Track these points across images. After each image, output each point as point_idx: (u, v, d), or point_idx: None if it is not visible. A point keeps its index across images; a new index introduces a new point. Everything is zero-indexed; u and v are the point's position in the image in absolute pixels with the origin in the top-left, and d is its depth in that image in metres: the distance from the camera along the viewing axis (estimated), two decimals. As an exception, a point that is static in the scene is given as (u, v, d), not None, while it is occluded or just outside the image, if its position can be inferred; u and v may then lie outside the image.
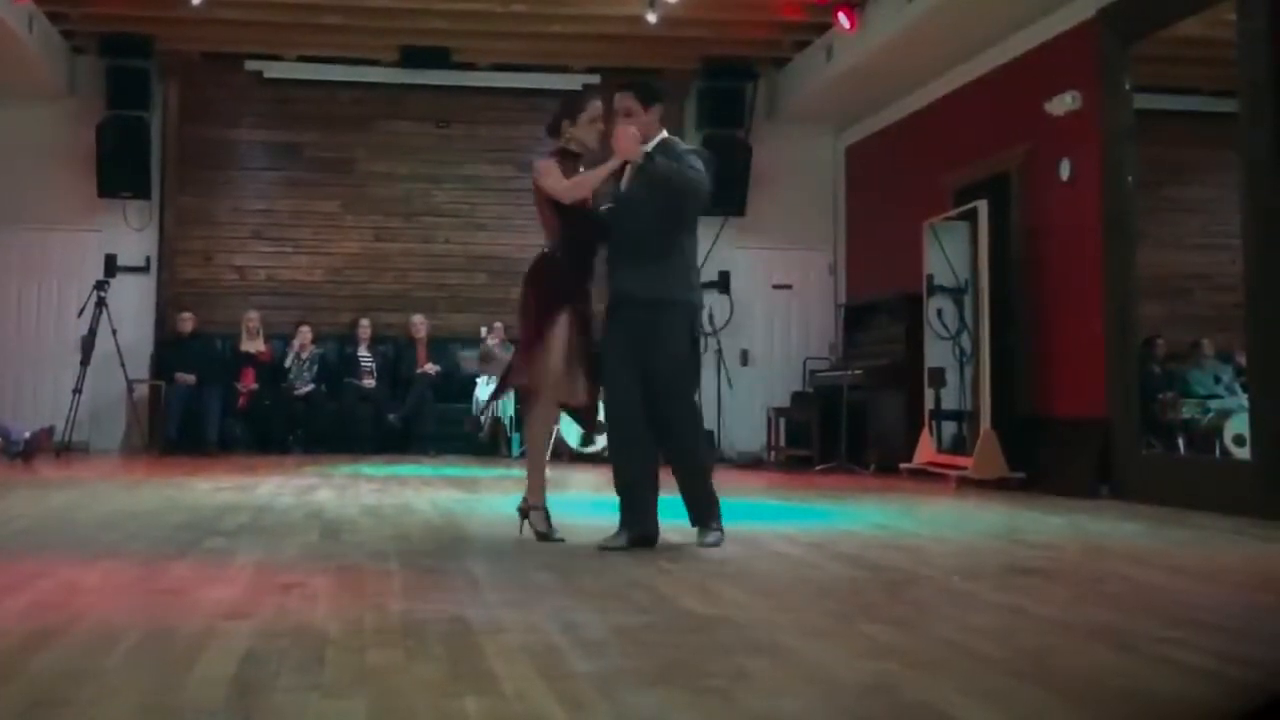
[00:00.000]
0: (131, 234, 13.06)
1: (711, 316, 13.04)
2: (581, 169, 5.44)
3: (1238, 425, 7.83)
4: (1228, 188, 7.75)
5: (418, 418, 12.52)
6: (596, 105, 5.47)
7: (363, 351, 12.81)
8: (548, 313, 5.25)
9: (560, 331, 5.24)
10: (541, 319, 5.26)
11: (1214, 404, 8.65)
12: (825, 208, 13.80)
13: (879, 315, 12.07)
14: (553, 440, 5.70)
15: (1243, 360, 7.84)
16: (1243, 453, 7.64)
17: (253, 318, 12.67)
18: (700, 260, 12.88)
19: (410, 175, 13.78)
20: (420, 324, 13.04)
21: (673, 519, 5.37)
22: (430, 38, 12.59)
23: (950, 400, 10.10)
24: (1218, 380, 8.77)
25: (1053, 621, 3.72)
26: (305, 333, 12.64)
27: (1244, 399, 7.70)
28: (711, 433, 12.65)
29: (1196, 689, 2.88)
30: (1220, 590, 4.48)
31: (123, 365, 11.84)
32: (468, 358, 12.82)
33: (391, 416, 12.52)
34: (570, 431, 11.79)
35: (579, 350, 5.30)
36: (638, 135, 5.21)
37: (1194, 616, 3.82)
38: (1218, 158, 8.46)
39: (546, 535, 5.32)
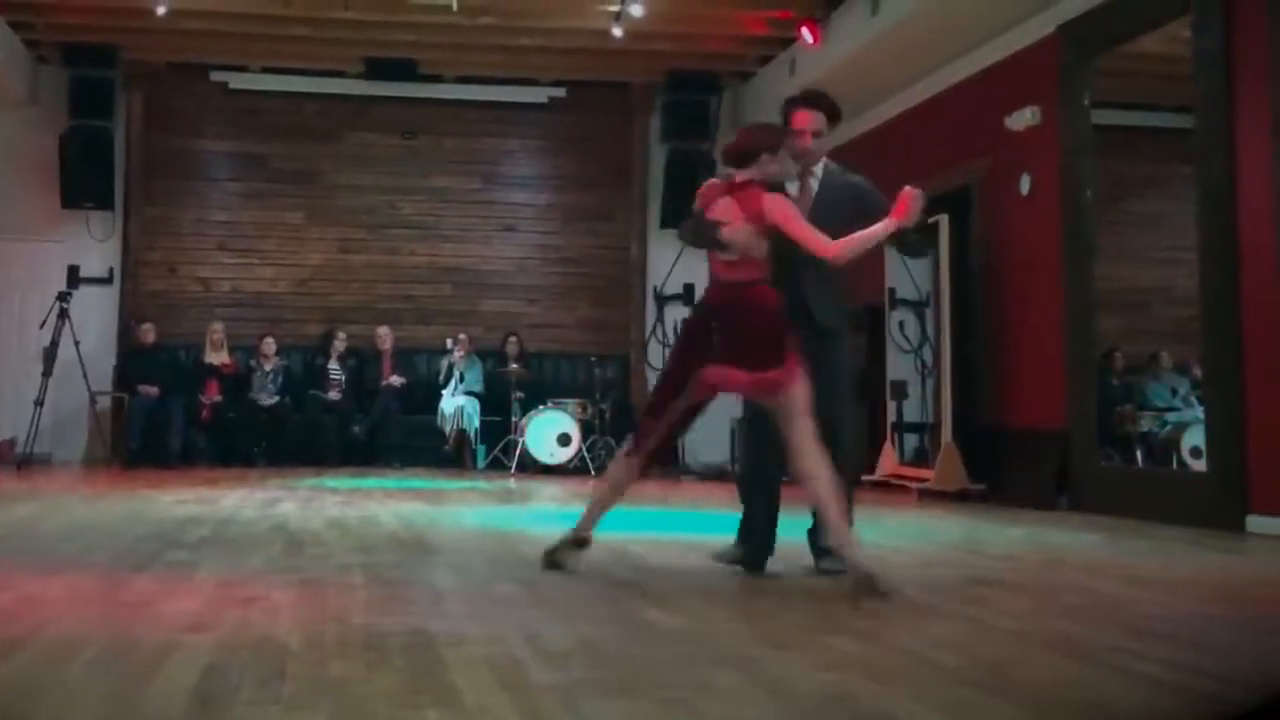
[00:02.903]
0: (95, 245, 12.98)
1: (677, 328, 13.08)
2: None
3: (1194, 437, 7.92)
4: (1185, 202, 7.84)
5: (383, 430, 12.49)
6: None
7: (332, 364, 12.75)
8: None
9: None
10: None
11: (1171, 416, 8.75)
12: (790, 221, 13.83)
13: (842, 328, 12.12)
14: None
15: (1199, 373, 7.94)
16: (1200, 465, 7.73)
17: (217, 329, 12.60)
18: (667, 272, 12.98)
19: (376, 187, 13.76)
20: (385, 336, 13.01)
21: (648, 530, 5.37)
22: (396, 49, 12.58)
23: (912, 412, 10.17)
24: (1175, 393, 8.87)
25: (1012, 632, 3.76)
26: (269, 344, 12.59)
27: (1200, 411, 7.80)
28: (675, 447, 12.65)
29: (1153, 699, 2.92)
30: (1177, 601, 4.52)
31: (85, 376, 11.77)
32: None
33: (356, 429, 12.47)
34: (539, 447, 11.81)
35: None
36: (922, 197, 4.83)
37: (1151, 627, 3.87)
38: (1175, 172, 8.56)
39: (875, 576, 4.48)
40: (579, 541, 4.84)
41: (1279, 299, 6.85)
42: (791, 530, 5.07)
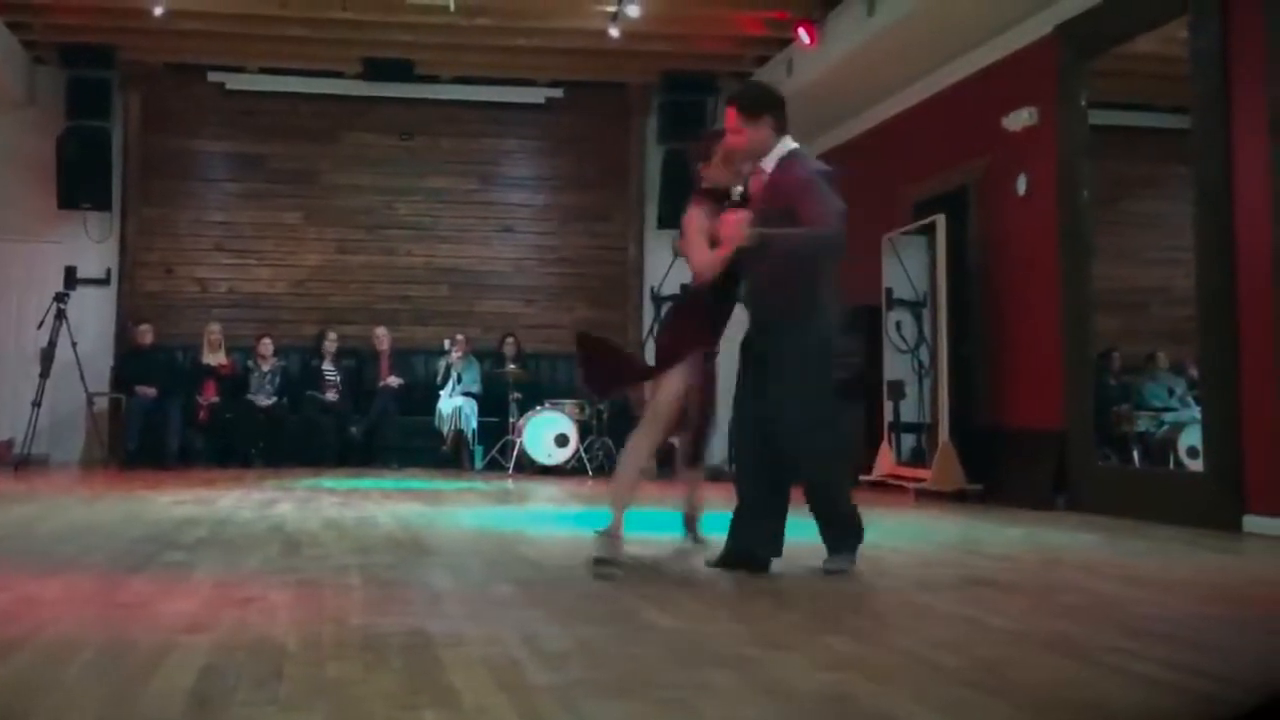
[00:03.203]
0: (92, 246, 12.97)
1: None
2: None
3: (1191, 437, 7.92)
4: (1182, 202, 7.84)
5: (380, 430, 12.48)
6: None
7: (326, 365, 12.74)
8: (692, 344, 5.04)
9: (693, 366, 5.02)
10: (686, 346, 5.02)
11: (1168, 416, 8.76)
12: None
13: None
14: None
15: (1195, 373, 7.95)
16: (1196, 465, 7.73)
17: (214, 330, 12.60)
18: (664, 273, 12.97)
19: (373, 187, 13.77)
20: (383, 336, 13.00)
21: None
22: (393, 50, 12.58)
23: (909, 412, 10.17)
24: (1171, 393, 8.88)
25: (1009, 632, 3.76)
26: (266, 345, 12.58)
27: (1197, 411, 7.80)
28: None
29: (1151, 699, 2.92)
30: (1174, 601, 4.53)
31: (82, 378, 11.76)
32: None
33: (353, 429, 12.47)
34: (537, 448, 11.80)
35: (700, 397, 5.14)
36: (745, 219, 4.74)
37: (1148, 627, 3.87)
38: (1172, 173, 8.56)
39: (609, 562, 4.84)
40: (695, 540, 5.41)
41: (1276, 299, 6.85)
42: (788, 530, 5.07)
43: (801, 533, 5.04)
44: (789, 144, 5.00)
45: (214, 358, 12.51)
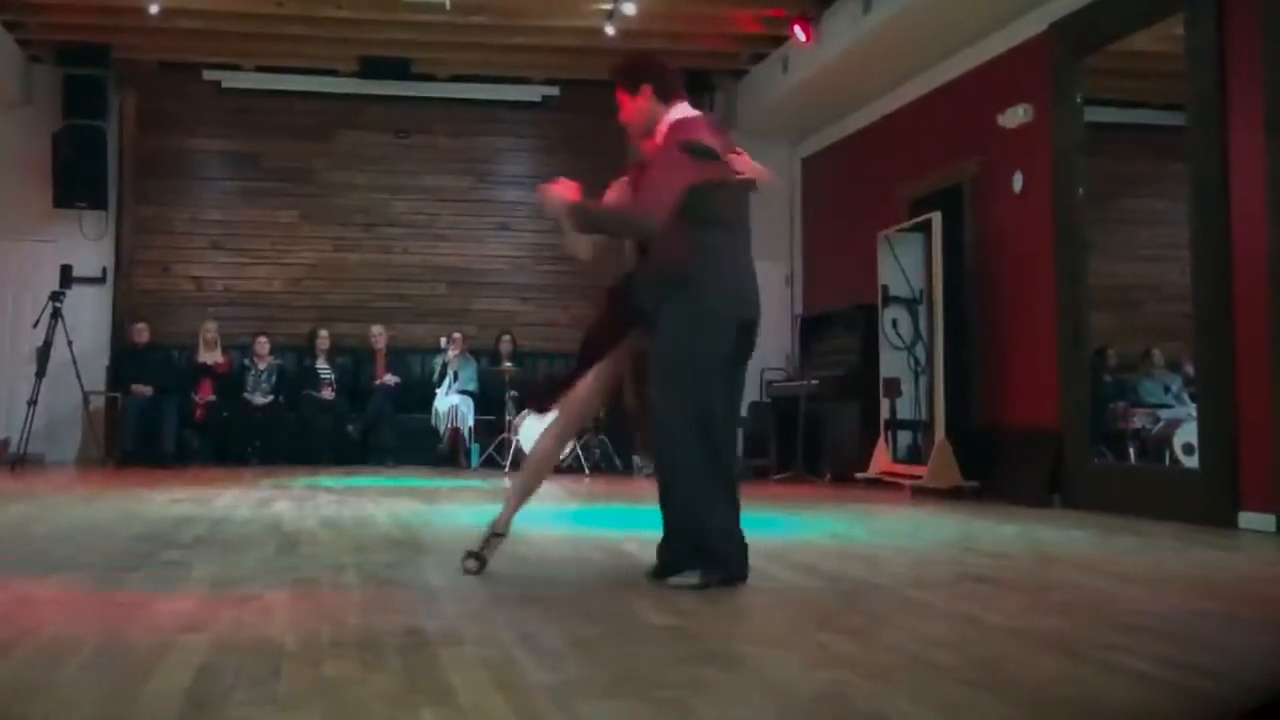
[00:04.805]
0: (88, 244, 12.95)
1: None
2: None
3: (1187, 434, 7.93)
4: (1177, 199, 7.85)
5: (376, 429, 12.49)
6: None
7: (321, 364, 12.75)
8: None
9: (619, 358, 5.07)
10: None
11: (1163, 413, 8.77)
12: (781, 219, 13.83)
13: (835, 326, 12.14)
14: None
15: (1191, 370, 7.96)
16: (1192, 462, 7.75)
17: (210, 329, 12.60)
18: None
19: (370, 186, 13.76)
20: (379, 335, 13.00)
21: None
22: (390, 48, 12.58)
23: (905, 410, 10.17)
24: (1167, 390, 8.89)
25: (1005, 630, 3.77)
26: (263, 344, 12.58)
27: (1192, 408, 7.81)
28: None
29: (1146, 696, 2.93)
30: (1167, 597, 4.53)
31: (78, 376, 11.75)
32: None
33: (350, 428, 12.47)
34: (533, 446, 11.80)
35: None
36: (574, 188, 4.52)
37: (1142, 623, 3.88)
38: (1168, 170, 8.57)
39: (479, 556, 4.62)
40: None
41: (1271, 297, 6.86)
42: (780, 529, 5.07)
43: (796, 531, 5.05)
44: (680, 111, 4.71)
45: (210, 356, 12.51)
